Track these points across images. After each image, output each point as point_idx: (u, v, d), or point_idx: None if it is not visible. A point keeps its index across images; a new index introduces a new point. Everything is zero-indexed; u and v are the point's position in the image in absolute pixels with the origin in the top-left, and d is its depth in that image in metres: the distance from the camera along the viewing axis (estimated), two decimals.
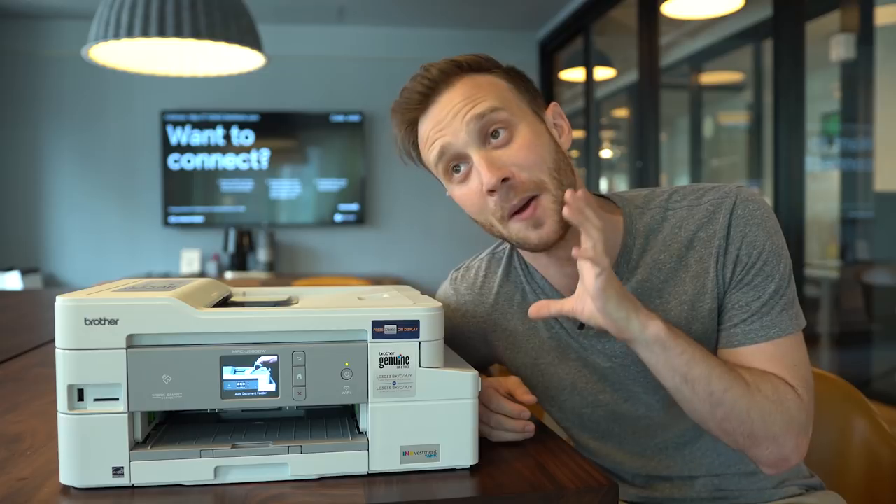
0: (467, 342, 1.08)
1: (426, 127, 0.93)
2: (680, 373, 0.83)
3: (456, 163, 0.92)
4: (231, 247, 4.95)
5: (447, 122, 0.90)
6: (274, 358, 0.73)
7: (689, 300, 0.93)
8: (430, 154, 0.93)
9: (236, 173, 5.07)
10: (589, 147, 4.67)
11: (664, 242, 0.95)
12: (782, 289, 0.90)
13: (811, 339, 3.39)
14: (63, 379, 0.71)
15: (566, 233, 0.90)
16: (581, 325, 0.99)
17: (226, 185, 5.07)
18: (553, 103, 0.97)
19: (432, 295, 1.06)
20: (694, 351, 0.83)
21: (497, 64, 0.95)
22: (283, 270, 5.13)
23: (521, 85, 0.95)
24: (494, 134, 0.89)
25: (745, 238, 0.91)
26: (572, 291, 0.99)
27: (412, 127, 0.95)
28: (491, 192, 0.88)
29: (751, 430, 0.84)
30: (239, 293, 0.96)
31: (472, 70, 0.92)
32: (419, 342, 0.75)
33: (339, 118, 5.10)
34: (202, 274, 4.97)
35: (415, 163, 0.98)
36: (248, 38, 2.53)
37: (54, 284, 4.93)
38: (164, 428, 0.80)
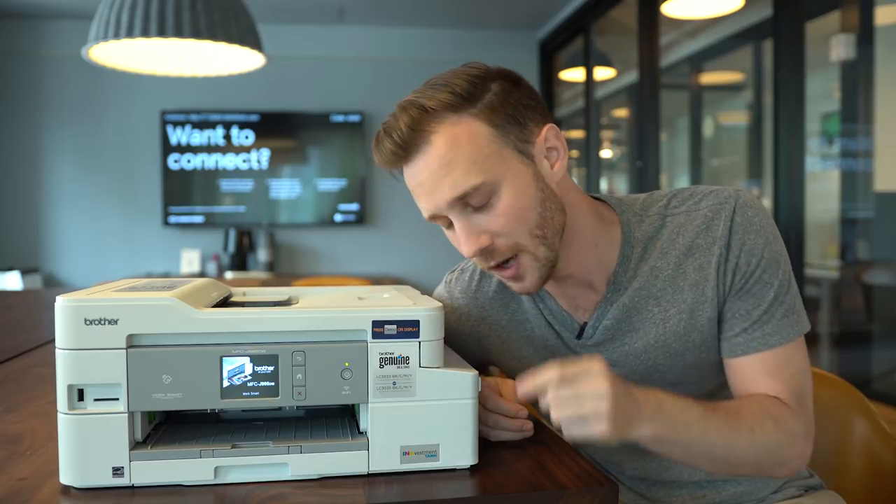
0: (462, 344, 1.08)
1: (409, 178, 0.90)
2: (680, 456, 0.86)
3: (441, 219, 0.91)
4: (231, 247, 4.95)
5: (427, 190, 0.87)
6: (274, 358, 0.73)
7: (687, 308, 0.92)
8: (417, 203, 0.91)
9: (236, 173, 5.07)
10: (589, 147, 4.67)
11: (661, 249, 0.94)
12: (781, 295, 0.90)
13: (811, 339, 3.38)
14: (63, 379, 0.71)
15: (550, 277, 0.91)
16: (579, 335, 0.99)
17: (226, 185, 5.06)
18: (548, 126, 0.90)
19: (432, 295, 1.06)
20: (692, 434, 0.82)
21: (480, 91, 0.86)
22: (283, 270, 5.13)
23: (507, 120, 0.86)
24: (476, 199, 0.86)
25: (745, 246, 0.90)
26: (573, 307, 0.99)
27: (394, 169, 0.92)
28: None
29: (759, 467, 0.88)
30: (239, 293, 0.96)
31: (448, 111, 0.84)
32: (419, 342, 0.75)
33: (339, 118, 5.10)
34: (202, 274, 4.97)
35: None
36: (248, 38, 2.53)
37: (54, 284, 4.93)
38: (164, 428, 0.80)
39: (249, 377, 0.73)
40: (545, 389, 0.77)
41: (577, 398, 0.75)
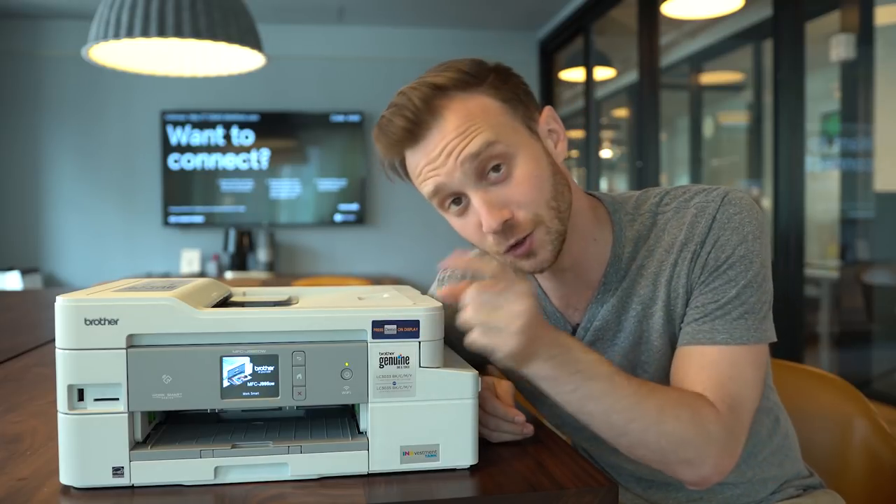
0: (456, 341, 1.07)
1: (417, 161, 0.88)
2: (573, 406, 0.80)
3: (451, 199, 0.89)
4: (231, 247, 4.95)
5: (440, 161, 0.85)
6: (274, 358, 0.73)
7: (663, 305, 0.92)
8: (422, 188, 0.89)
9: (236, 173, 5.07)
10: (589, 147, 4.67)
11: (649, 248, 0.94)
12: (745, 296, 0.86)
13: (812, 339, 3.39)
14: (63, 379, 0.71)
15: (559, 256, 0.90)
16: (573, 333, 0.99)
17: (226, 185, 5.06)
18: (547, 108, 0.93)
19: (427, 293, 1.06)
20: (591, 387, 0.78)
21: (483, 72, 0.88)
22: (283, 270, 5.13)
23: (513, 97, 0.89)
24: (493, 168, 0.85)
25: (718, 242, 0.88)
26: (566, 305, 0.99)
27: (399, 155, 0.91)
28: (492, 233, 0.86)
29: (662, 457, 0.82)
30: (239, 293, 0.96)
31: (458, 89, 0.86)
32: (419, 342, 0.75)
33: (339, 118, 5.10)
34: (202, 274, 4.97)
35: (402, 180, 0.95)
36: (248, 38, 2.53)
37: (54, 284, 4.93)
38: (164, 428, 0.80)
39: (249, 377, 0.73)
40: (467, 291, 0.75)
41: (495, 307, 0.74)
